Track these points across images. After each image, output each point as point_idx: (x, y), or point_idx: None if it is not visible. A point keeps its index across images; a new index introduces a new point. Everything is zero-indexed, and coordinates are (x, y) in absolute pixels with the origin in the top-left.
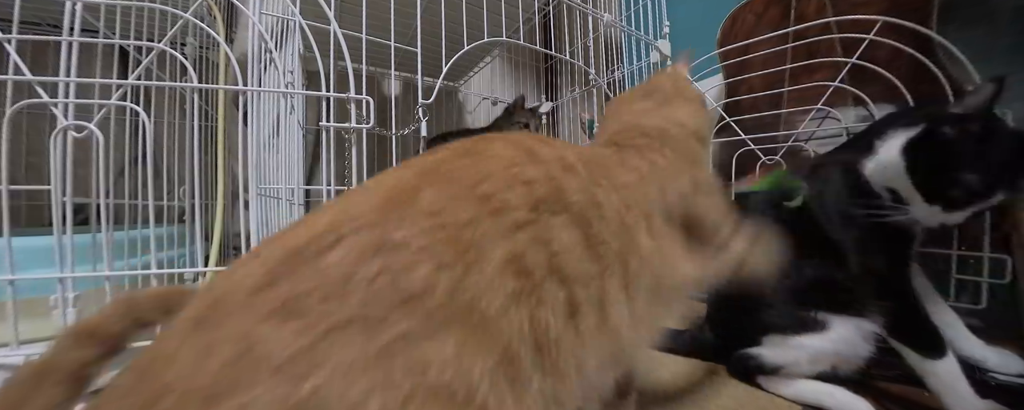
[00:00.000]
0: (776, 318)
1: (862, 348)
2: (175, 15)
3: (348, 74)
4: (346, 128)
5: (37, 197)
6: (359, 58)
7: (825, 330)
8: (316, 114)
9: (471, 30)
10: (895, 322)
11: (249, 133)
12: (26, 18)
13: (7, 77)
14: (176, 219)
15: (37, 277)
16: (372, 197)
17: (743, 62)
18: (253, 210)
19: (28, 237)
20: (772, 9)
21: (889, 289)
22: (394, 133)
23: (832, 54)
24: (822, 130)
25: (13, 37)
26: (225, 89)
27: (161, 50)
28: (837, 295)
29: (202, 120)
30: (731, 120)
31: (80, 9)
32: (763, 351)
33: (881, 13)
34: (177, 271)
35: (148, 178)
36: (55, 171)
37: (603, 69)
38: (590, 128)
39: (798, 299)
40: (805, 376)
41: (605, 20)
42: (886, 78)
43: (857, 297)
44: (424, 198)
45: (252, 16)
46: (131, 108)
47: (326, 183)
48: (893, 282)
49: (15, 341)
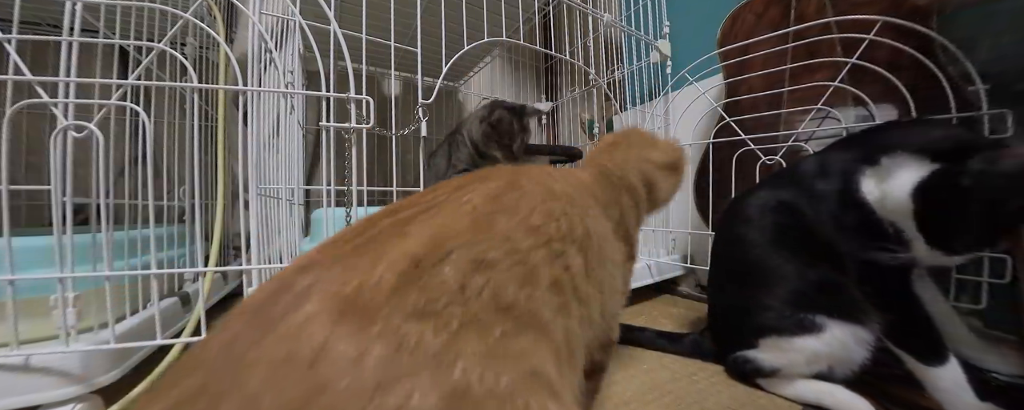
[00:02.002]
0: (773, 320)
1: (857, 354)
2: (175, 15)
3: (348, 74)
4: (346, 128)
5: (37, 197)
6: (359, 58)
7: (822, 332)
8: (316, 114)
9: (471, 30)
10: (896, 330)
11: (249, 133)
12: (26, 18)
13: (7, 77)
14: (176, 219)
15: (37, 277)
16: (461, 218)
17: (743, 62)
18: (253, 210)
19: (28, 237)
20: (772, 9)
21: (891, 299)
22: (394, 133)
23: (832, 54)
24: (822, 130)
25: (13, 37)
26: (225, 89)
27: (161, 50)
28: (836, 300)
29: (202, 120)
30: (731, 120)
31: (80, 9)
32: (759, 355)
33: (881, 13)
34: (177, 271)
35: (148, 178)
36: (55, 171)
37: (603, 69)
38: (590, 128)
39: (797, 302)
40: (803, 377)
41: (605, 20)
42: (886, 78)
43: (858, 305)
44: (498, 225)
45: (252, 16)
46: (131, 108)
47: (326, 183)
48: (894, 292)
49: (15, 341)
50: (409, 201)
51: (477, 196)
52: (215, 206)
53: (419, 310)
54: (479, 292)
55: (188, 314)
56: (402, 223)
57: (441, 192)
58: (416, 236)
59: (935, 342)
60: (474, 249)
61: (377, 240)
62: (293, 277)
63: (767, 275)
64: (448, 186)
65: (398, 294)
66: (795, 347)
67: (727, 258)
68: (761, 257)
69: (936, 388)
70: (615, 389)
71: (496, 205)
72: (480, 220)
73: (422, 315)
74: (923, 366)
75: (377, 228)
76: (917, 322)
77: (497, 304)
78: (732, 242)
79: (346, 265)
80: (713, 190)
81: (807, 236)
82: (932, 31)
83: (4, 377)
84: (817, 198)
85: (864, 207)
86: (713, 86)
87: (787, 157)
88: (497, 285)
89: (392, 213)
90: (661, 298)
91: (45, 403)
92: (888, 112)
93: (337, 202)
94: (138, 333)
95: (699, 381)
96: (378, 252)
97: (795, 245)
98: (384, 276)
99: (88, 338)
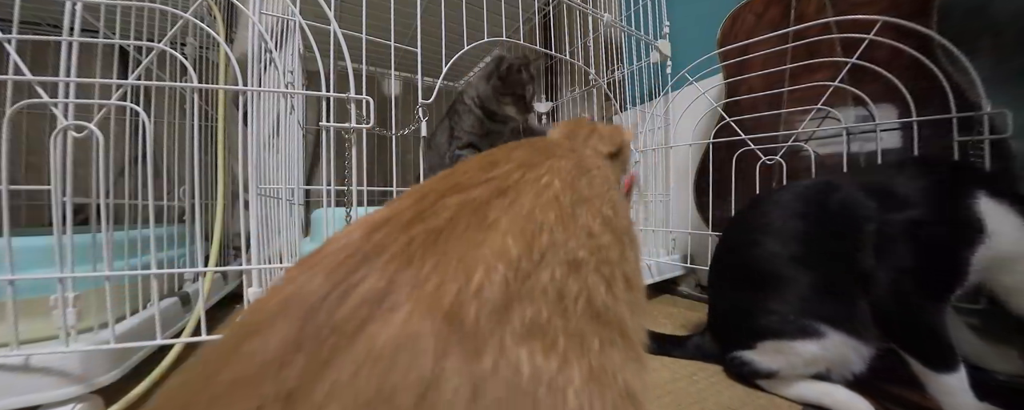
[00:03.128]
0: (776, 324)
1: (856, 364)
2: (175, 15)
3: (348, 74)
4: (346, 128)
5: (37, 197)
6: (359, 58)
7: (822, 338)
8: (316, 114)
9: (471, 30)
10: (913, 343)
11: (249, 133)
12: (26, 18)
13: (7, 77)
14: (176, 219)
15: (37, 277)
16: (547, 208)
17: (743, 62)
18: (253, 210)
19: (28, 237)
20: (772, 9)
21: (920, 321)
22: (394, 133)
23: (832, 54)
24: (822, 130)
25: (13, 37)
26: (225, 89)
27: (161, 50)
28: (844, 315)
29: (202, 120)
30: (731, 120)
31: (80, 9)
32: (755, 356)
33: (881, 13)
34: (177, 271)
35: (148, 178)
36: (55, 171)
37: (603, 69)
38: None
39: (803, 309)
40: (801, 378)
41: (605, 20)
42: (886, 78)
43: (865, 324)
44: (581, 218)
45: (252, 16)
46: (131, 108)
47: (326, 183)
48: (928, 316)
49: (15, 341)
50: (469, 175)
51: (556, 179)
52: (215, 206)
53: (527, 327)
54: (576, 299)
55: (188, 314)
56: (479, 207)
57: (508, 168)
58: (505, 229)
59: (950, 353)
60: (566, 248)
61: (455, 228)
62: (355, 267)
63: (779, 283)
64: (511, 158)
65: (505, 308)
66: (794, 350)
67: (737, 259)
68: (776, 265)
69: (941, 392)
70: None
71: (575, 193)
72: (566, 211)
73: (530, 334)
74: (933, 373)
75: (448, 208)
76: (938, 338)
77: (592, 312)
78: (746, 245)
79: (430, 261)
80: (713, 190)
81: (838, 255)
82: (932, 31)
83: (4, 377)
84: (874, 221)
85: (962, 267)
86: (713, 86)
87: (787, 157)
88: (590, 289)
89: (457, 189)
90: (661, 298)
91: (45, 403)
92: (888, 112)
93: (337, 202)
94: (138, 333)
95: (699, 381)
96: (465, 246)
97: (817, 260)
98: (485, 284)
99: (88, 338)
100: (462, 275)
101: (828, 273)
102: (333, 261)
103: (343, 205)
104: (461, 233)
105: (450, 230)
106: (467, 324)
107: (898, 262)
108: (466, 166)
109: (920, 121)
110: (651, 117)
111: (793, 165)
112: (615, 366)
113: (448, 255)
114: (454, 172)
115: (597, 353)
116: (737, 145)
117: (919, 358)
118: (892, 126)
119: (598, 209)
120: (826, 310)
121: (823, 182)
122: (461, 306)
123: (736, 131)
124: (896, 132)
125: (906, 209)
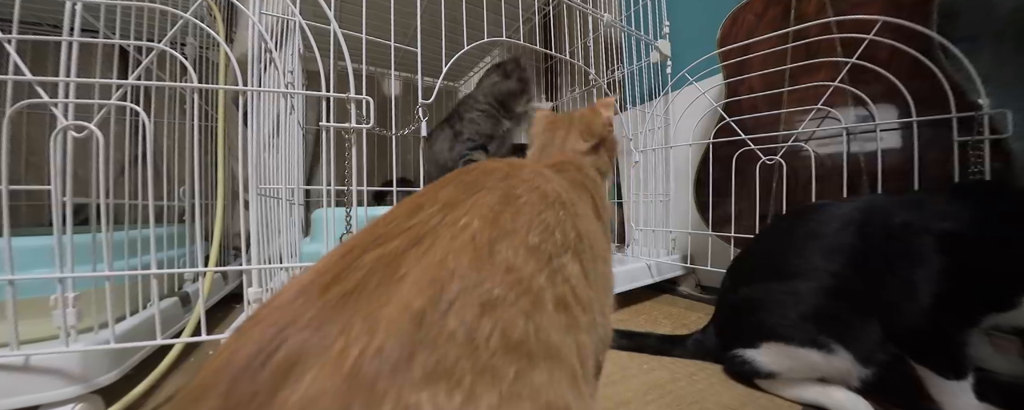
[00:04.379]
0: (787, 330)
1: (852, 381)
2: (175, 15)
3: (348, 74)
4: (346, 128)
5: (37, 197)
6: (359, 58)
7: (830, 353)
8: (316, 114)
9: (471, 30)
10: (938, 360)
11: (249, 133)
12: (26, 18)
13: (7, 77)
14: (176, 219)
15: (37, 277)
16: (461, 253)
17: (743, 62)
18: (253, 210)
19: (28, 237)
20: (772, 9)
21: (952, 342)
22: (394, 133)
23: (832, 54)
24: (822, 130)
25: (13, 37)
26: (225, 89)
27: (161, 50)
28: (859, 339)
29: (202, 120)
30: (731, 120)
31: (80, 9)
32: (757, 356)
33: (881, 13)
34: (177, 271)
35: (148, 178)
36: (55, 171)
37: (603, 69)
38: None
39: (819, 322)
40: (800, 381)
41: (605, 20)
42: (886, 78)
43: (875, 351)
44: (500, 254)
45: (252, 16)
46: (131, 108)
47: (326, 183)
48: (960, 337)
49: (15, 341)
50: (394, 224)
51: (474, 219)
52: (215, 206)
53: (428, 373)
54: (488, 338)
55: (188, 314)
56: (392, 260)
57: (430, 212)
58: (412, 280)
59: (964, 362)
60: (479, 290)
61: (366, 287)
62: (273, 337)
63: (807, 293)
64: (436, 200)
65: (408, 359)
66: (799, 356)
67: (768, 260)
68: (811, 277)
69: (943, 393)
70: (615, 389)
71: (496, 229)
72: (481, 252)
73: (431, 379)
74: (941, 379)
75: (363, 267)
76: (956, 353)
77: (507, 344)
78: (785, 249)
79: (337, 325)
80: (713, 190)
81: (875, 274)
82: (932, 31)
83: (4, 377)
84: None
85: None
86: (713, 86)
87: (787, 157)
88: (506, 324)
89: (376, 243)
90: (661, 298)
91: (45, 403)
92: (888, 112)
93: (337, 202)
94: (138, 333)
95: (699, 381)
96: (372, 305)
97: (853, 279)
98: (385, 343)
99: (88, 338)
100: (365, 335)
101: (858, 292)
102: (260, 329)
103: (343, 205)
104: (371, 292)
105: (361, 291)
106: (366, 380)
107: (945, 286)
108: (393, 213)
109: (920, 121)
110: (651, 117)
111: (793, 165)
112: (535, 388)
113: (356, 316)
114: (381, 221)
115: (511, 381)
116: (737, 145)
117: (936, 370)
118: (892, 126)
119: (522, 240)
120: (841, 329)
121: (883, 201)
122: (362, 366)
123: (736, 131)
124: (896, 132)
125: (964, 234)
